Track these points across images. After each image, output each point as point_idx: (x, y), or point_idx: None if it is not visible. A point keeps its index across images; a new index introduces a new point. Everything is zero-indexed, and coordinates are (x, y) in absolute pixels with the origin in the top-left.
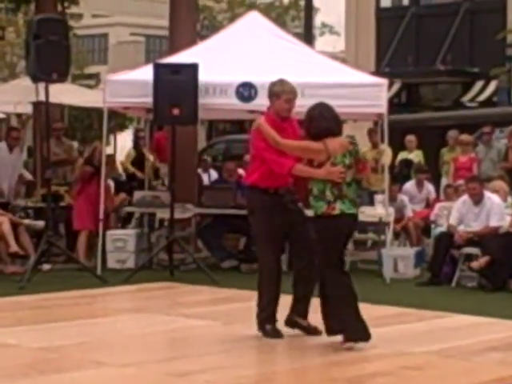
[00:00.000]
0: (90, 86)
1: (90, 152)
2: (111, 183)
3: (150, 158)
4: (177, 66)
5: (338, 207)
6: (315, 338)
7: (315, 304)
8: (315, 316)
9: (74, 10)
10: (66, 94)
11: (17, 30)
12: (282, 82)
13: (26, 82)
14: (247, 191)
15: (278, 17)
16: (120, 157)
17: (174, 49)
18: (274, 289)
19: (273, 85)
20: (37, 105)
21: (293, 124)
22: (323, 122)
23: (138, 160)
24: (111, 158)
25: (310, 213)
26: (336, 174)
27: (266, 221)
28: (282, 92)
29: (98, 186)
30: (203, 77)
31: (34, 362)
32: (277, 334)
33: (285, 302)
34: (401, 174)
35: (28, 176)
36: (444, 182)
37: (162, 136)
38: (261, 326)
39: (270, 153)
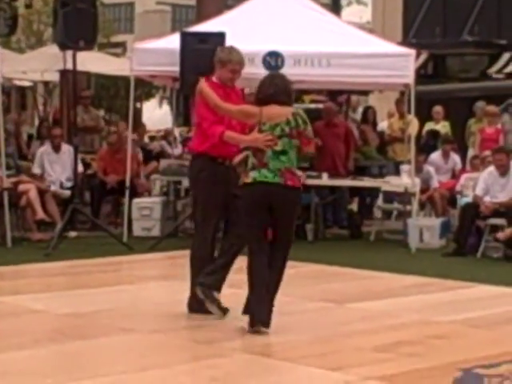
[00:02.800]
0: (116, 55)
1: None
2: (139, 151)
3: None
4: (204, 34)
5: (252, 175)
6: (339, 307)
7: None
8: None
9: None
10: (92, 62)
11: None
12: (230, 49)
13: (53, 49)
14: (195, 158)
15: None
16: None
17: (200, 18)
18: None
19: (221, 51)
20: (64, 73)
21: (237, 92)
22: (271, 88)
23: None
24: (142, 127)
25: None
26: (261, 141)
27: (210, 190)
28: (228, 61)
29: None
30: None
31: (61, 327)
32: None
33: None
34: (427, 144)
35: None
36: (470, 152)
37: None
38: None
39: (207, 119)
